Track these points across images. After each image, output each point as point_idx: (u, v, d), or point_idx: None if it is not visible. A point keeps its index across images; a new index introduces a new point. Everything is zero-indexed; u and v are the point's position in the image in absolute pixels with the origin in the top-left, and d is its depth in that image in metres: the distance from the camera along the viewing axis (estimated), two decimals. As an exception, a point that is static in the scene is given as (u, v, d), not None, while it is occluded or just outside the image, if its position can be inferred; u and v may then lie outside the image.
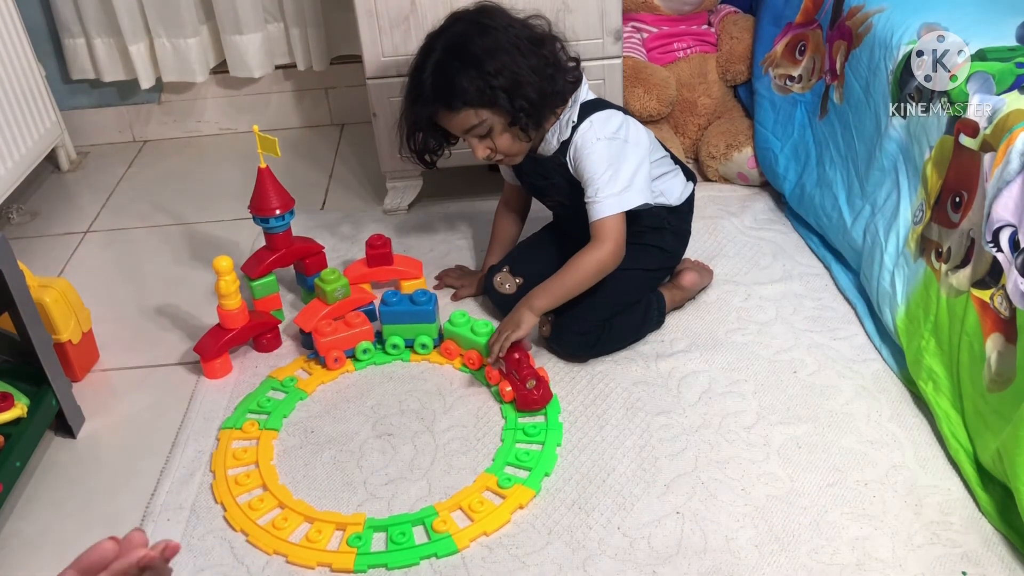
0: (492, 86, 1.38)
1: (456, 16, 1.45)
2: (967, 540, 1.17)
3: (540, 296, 1.45)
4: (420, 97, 1.42)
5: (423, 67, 1.41)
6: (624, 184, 1.42)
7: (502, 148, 1.45)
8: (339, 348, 1.53)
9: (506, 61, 1.38)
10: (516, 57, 1.39)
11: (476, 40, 1.39)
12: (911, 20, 1.49)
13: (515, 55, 1.39)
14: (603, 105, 1.49)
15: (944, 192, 1.36)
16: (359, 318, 1.55)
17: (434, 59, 1.40)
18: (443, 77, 1.39)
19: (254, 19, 2.21)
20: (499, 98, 1.38)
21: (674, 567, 1.17)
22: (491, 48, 1.39)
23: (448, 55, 1.39)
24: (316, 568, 1.21)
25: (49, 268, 1.91)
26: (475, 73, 1.37)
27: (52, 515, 1.33)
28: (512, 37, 1.41)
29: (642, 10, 2.08)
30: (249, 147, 2.20)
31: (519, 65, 1.39)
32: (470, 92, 1.38)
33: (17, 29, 2.05)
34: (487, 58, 1.38)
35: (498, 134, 1.43)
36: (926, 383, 1.34)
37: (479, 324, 1.51)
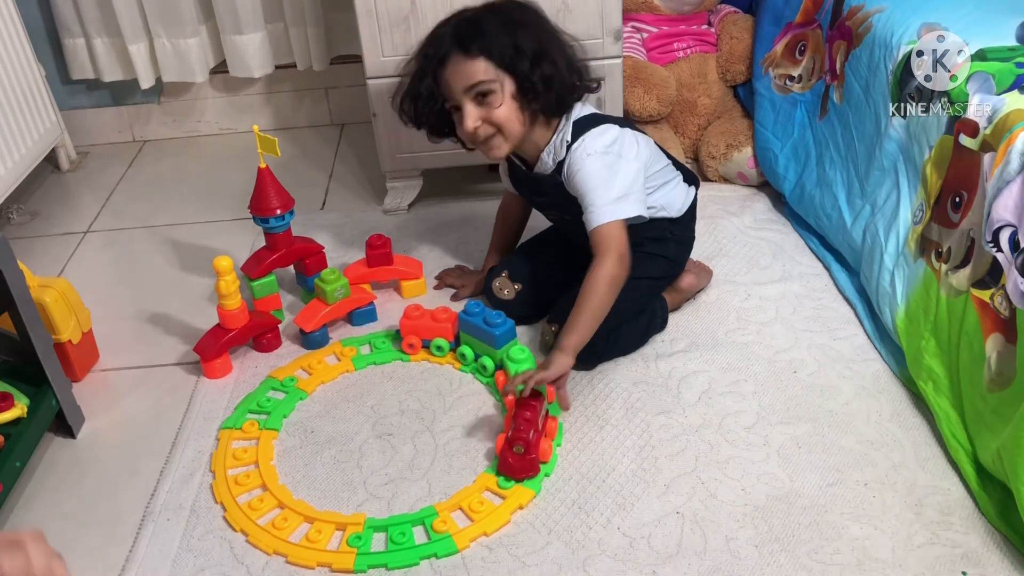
0: (518, 46, 1.36)
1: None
2: (967, 540, 1.17)
3: (570, 334, 1.37)
4: (434, 41, 1.40)
5: (447, 20, 1.41)
6: (618, 194, 1.40)
7: (498, 118, 1.39)
8: (419, 336, 1.55)
9: (537, 33, 1.39)
10: (548, 36, 1.40)
11: (513, 10, 1.40)
12: (911, 20, 1.49)
13: (547, 35, 1.40)
14: (598, 120, 1.47)
15: (944, 192, 1.36)
16: (446, 314, 1.54)
17: (464, 14, 1.40)
18: (470, 24, 1.38)
19: (254, 19, 2.21)
20: (520, 63, 1.36)
21: (674, 567, 1.17)
22: (526, 20, 1.39)
23: (482, 11, 1.40)
24: (316, 568, 1.21)
25: (49, 268, 1.90)
26: (505, 29, 1.36)
27: (52, 515, 1.33)
28: (547, 23, 1.43)
29: (642, 10, 2.08)
30: (249, 147, 2.20)
31: (549, 43, 1.39)
32: (493, 42, 1.35)
33: (17, 29, 2.05)
34: (520, 25, 1.38)
35: (499, 102, 1.38)
36: (926, 383, 1.34)
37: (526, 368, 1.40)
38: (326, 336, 1.61)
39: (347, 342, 1.60)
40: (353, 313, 1.64)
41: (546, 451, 1.31)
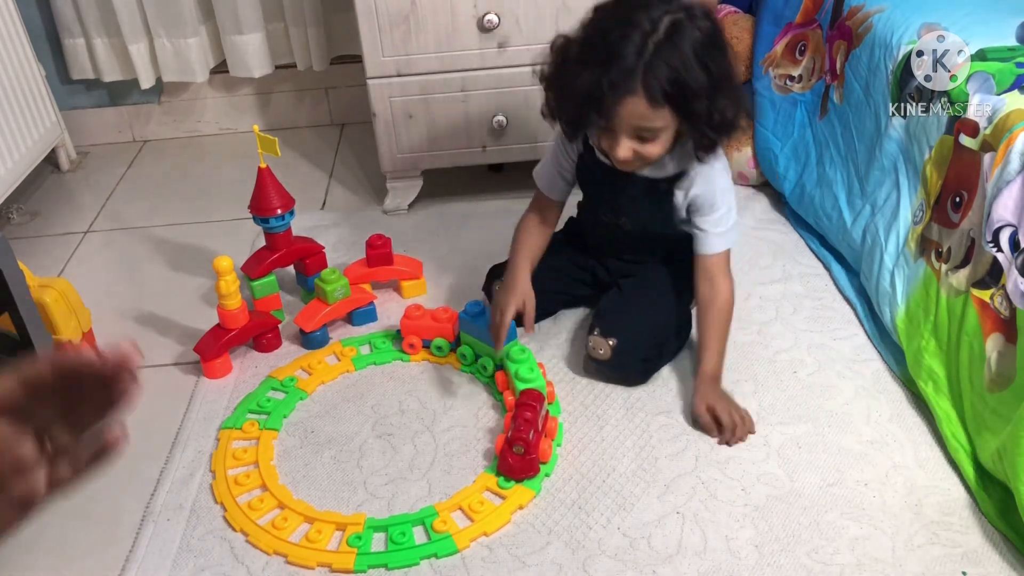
0: (705, 99, 1.23)
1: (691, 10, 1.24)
2: (967, 540, 1.17)
3: (715, 361, 1.40)
4: (619, 65, 1.19)
5: (640, 32, 1.19)
6: (734, 220, 1.41)
7: (646, 153, 1.28)
8: (419, 336, 1.54)
9: (722, 77, 1.25)
10: (729, 78, 1.28)
11: (718, 49, 1.24)
12: (911, 20, 1.49)
13: (728, 77, 1.28)
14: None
15: (944, 192, 1.36)
16: (447, 314, 1.53)
17: (667, 39, 1.20)
18: (667, 67, 1.19)
19: (254, 19, 2.21)
20: (699, 113, 1.24)
21: (674, 567, 1.17)
22: (718, 63, 1.24)
23: (682, 44, 1.20)
24: (316, 568, 1.21)
25: (49, 268, 1.91)
26: (706, 83, 1.21)
27: (52, 515, 1.32)
28: (731, 58, 1.30)
29: (642, 10, 2.08)
30: (249, 147, 2.20)
31: (729, 87, 1.27)
32: (686, 98, 1.22)
33: (17, 29, 2.05)
34: (724, 75, 1.24)
35: (658, 141, 1.27)
36: (926, 383, 1.34)
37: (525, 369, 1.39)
38: (326, 336, 1.61)
39: (347, 342, 1.60)
40: (353, 313, 1.64)
41: (546, 451, 1.31)
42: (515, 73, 1.83)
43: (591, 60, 1.22)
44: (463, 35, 1.78)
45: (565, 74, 1.28)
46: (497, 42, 1.79)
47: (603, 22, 1.25)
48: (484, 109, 1.87)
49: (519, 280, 1.45)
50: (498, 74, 1.83)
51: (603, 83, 1.20)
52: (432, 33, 1.78)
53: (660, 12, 1.21)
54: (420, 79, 1.83)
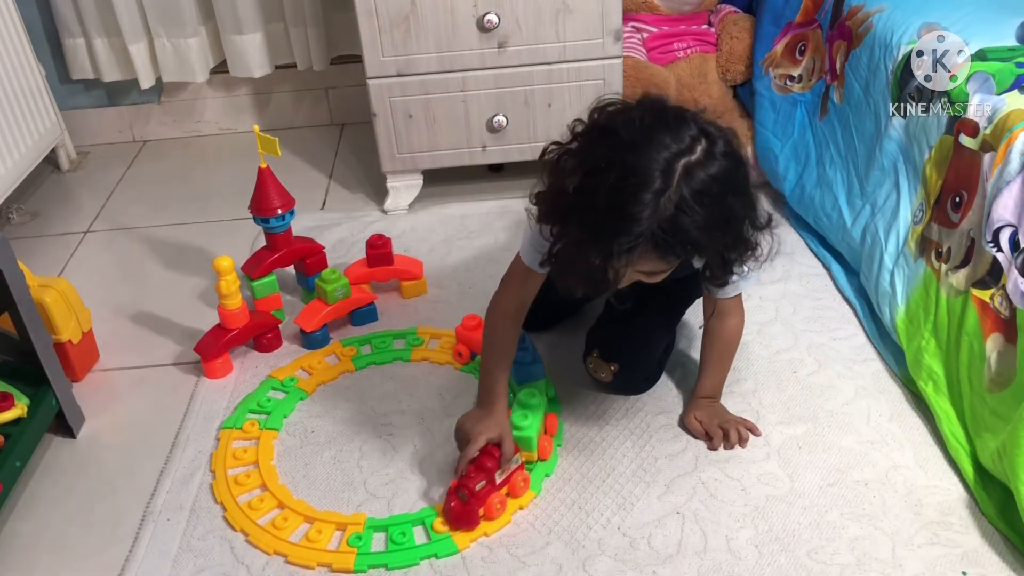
0: (727, 248, 1.11)
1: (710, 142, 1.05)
2: (967, 540, 1.17)
3: (715, 386, 1.39)
4: (628, 233, 1.02)
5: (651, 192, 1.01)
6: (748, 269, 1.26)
7: (652, 282, 1.16)
8: (469, 347, 1.52)
9: (739, 218, 1.10)
10: (746, 214, 1.12)
11: (736, 193, 1.07)
12: (911, 20, 1.49)
13: (747, 214, 1.12)
14: None
15: (944, 192, 1.36)
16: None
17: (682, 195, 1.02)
18: (683, 232, 1.03)
19: (254, 19, 2.21)
20: (715, 261, 1.14)
21: (674, 567, 1.17)
22: (746, 207, 1.10)
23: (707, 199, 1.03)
24: (316, 568, 1.21)
25: (49, 268, 1.90)
26: (719, 234, 1.07)
27: (52, 515, 1.33)
28: (749, 190, 1.12)
29: (642, 10, 2.08)
30: (249, 147, 2.20)
31: (745, 224, 1.12)
32: (696, 251, 1.10)
33: (17, 29, 2.05)
34: (741, 220, 1.10)
35: (666, 274, 1.14)
36: (926, 383, 1.34)
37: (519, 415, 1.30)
38: (326, 336, 1.61)
39: (347, 342, 1.60)
40: (353, 313, 1.64)
41: (497, 508, 1.23)
42: (515, 73, 1.83)
43: (598, 222, 1.04)
44: (463, 35, 1.78)
45: (566, 227, 1.10)
46: (497, 42, 1.79)
47: (607, 166, 1.04)
48: (484, 109, 1.87)
49: (497, 408, 1.29)
50: (498, 74, 1.83)
51: (612, 250, 1.04)
52: (432, 33, 1.78)
53: (673, 155, 1.03)
54: (420, 79, 1.83)
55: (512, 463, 1.25)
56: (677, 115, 1.06)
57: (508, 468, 1.25)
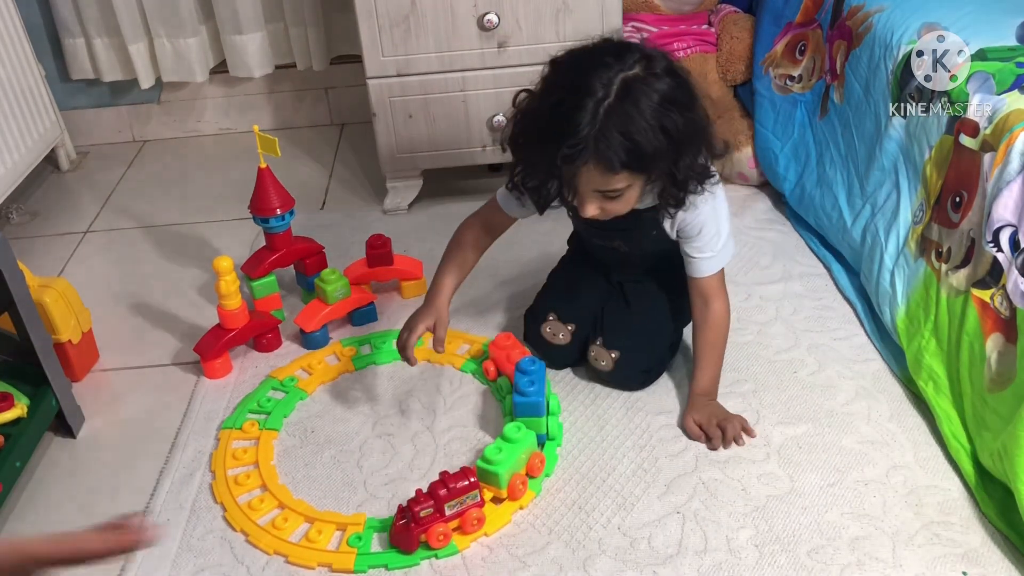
0: (667, 156, 1.17)
1: (650, 62, 1.16)
2: (967, 540, 1.17)
3: (711, 379, 1.39)
4: (571, 138, 1.13)
5: (592, 99, 1.12)
6: (724, 239, 1.34)
7: (614, 210, 1.23)
8: (497, 367, 1.47)
9: (689, 127, 1.17)
10: (696, 126, 1.19)
11: (678, 105, 1.15)
12: (911, 20, 1.49)
13: (696, 125, 1.19)
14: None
15: (944, 192, 1.36)
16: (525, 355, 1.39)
17: (619, 103, 1.12)
18: (620, 135, 1.12)
19: (254, 19, 2.21)
20: (662, 170, 1.19)
21: (674, 567, 1.17)
22: (691, 121, 1.17)
23: (638, 100, 1.12)
24: (316, 568, 1.20)
25: (49, 268, 1.90)
26: (659, 137, 1.14)
27: (52, 515, 1.33)
28: (698, 104, 1.20)
29: (642, 10, 2.08)
30: (249, 147, 2.20)
31: (696, 135, 1.20)
32: (643, 160, 1.15)
33: (17, 29, 2.05)
34: (686, 133, 1.16)
35: (624, 198, 1.21)
36: (926, 383, 1.34)
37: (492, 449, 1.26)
38: (326, 336, 1.61)
39: (347, 342, 1.60)
40: (353, 313, 1.64)
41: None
42: (515, 73, 1.82)
43: (545, 134, 1.16)
44: (463, 35, 1.78)
45: (523, 148, 1.24)
46: (497, 42, 1.79)
47: (557, 86, 1.18)
48: (484, 109, 1.87)
49: (438, 300, 1.38)
50: (498, 74, 1.83)
51: (557, 158, 1.14)
52: (432, 33, 1.78)
53: (615, 72, 1.13)
54: (420, 79, 1.83)
55: (468, 498, 1.21)
56: (622, 44, 1.19)
57: (464, 502, 1.21)
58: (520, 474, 1.26)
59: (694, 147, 1.20)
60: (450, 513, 1.20)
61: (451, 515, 1.21)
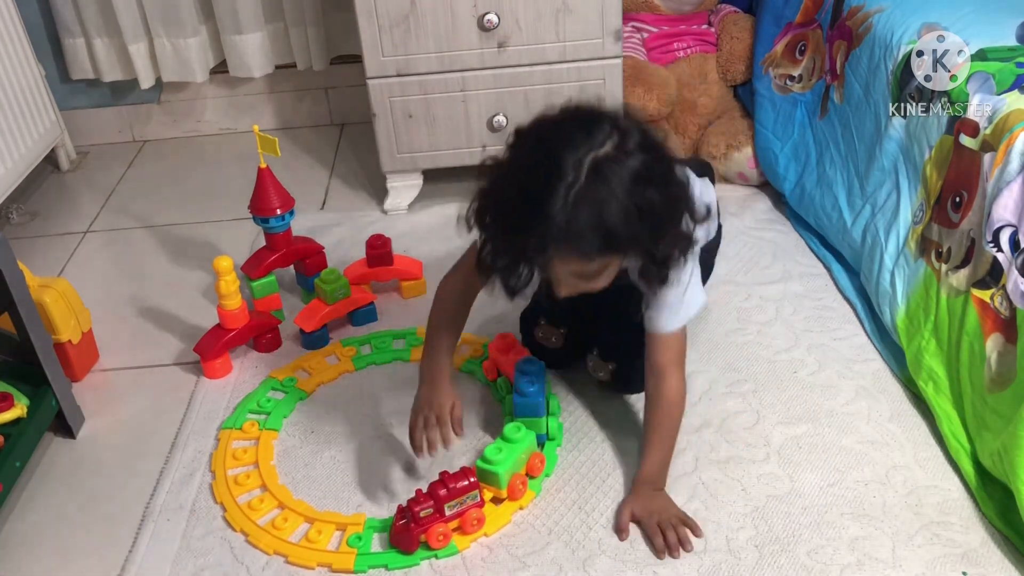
0: (656, 242, 1.09)
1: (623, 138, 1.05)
2: (967, 540, 1.17)
3: (656, 468, 1.26)
4: (541, 227, 1.02)
5: (562, 183, 1.01)
6: (685, 286, 1.21)
7: (591, 287, 1.14)
8: (498, 367, 1.46)
9: (665, 206, 1.07)
10: (674, 204, 1.09)
11: (652, 183, 1.05)
12: (911, 20, 1.49)
13: (674, 203, 1.09)
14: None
15: (944, 192, 1.36)
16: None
17: (590, 186, 1.02)
18: (593, 223, 1.02)
19: (254, 19, 2.21)
20: (643, 254, 1.11)
21: (674, 567, 1.17)
22: (667, 198, 1.06)
23: (617, 190, 1.02)
24: (316, 568, 1.20)
25: (49, 268, 1.90)
26: (634, 226, 1.04)
27: (52, 515, 1.33)
28: (675, 179, 1.10)
29: (642, 10, 2.08)
30: (249, 147, 2.20)
31: (675, 213, 1.10)
32: (617, 244, 1.06)
33: (17, 29, 2.05)
34: (661, 212, 1.06)
35: (602, 276, 1.13)
36: (926, 383, 1.34)
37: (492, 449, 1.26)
38: (326, 336, 1.61)
39: (347, 342, 1.60)
40: (353, 313, 1.64)
41: (443, 536, 1.20)
42: (515, 73, 1.83)
43: (513, 220, 1.06)
44: (463, 35, 1.78)
45: (490, 229, 1.13)
46: (497, 42, 1.79)
47: (524, 167, 1.07)
48: (484, 109, 1.87)
49: (442, 383, 1.29)
50: (498, 74, 1.83)
51: (528, 248, 1.05)
52: (432, 33, 1.78)
53: (584, 151, 1.02)
54: (420, 79, 1.83)
55: (468, 499, 1.20)
56: (592, 115, 1.07)
57: (464, 502, 1.20)
58: (520, 474, 1.26)
59: (674, 222, 1.10)
60: (450, 513, 1.20)
61: (451, 515, 1.21)
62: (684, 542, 1.18)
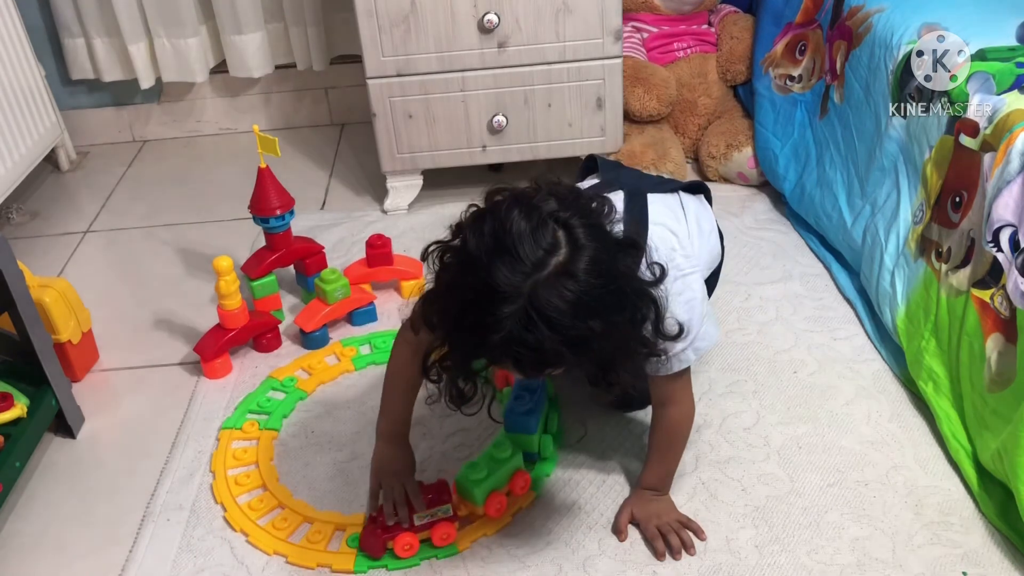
0: (599, 362, 1.02)
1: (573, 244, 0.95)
2: (967, 540, 1.17)
3: (659, 478, 1.24)
4: (487, 345, 0.96)
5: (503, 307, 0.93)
6: (693, 336, 1.13)
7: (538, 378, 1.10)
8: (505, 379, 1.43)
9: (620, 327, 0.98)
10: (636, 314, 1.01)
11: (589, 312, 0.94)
12: (911, 20, 1.49)
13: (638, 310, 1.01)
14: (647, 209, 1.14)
15: (944, 192, 1.36)
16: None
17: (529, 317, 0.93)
18: (530, 349, 0.94)
19: (254, 19, 2.21)
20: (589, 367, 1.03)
21: (674, 567, 1.17)
22: (605, 325, 0.96)
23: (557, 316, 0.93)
24: (316, 568, 1.20)
25: (49, 268, 1.90)
26: (578, 352, 0.96)
27: (52, 515, 1.33)
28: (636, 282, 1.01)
29: (642, 10, 2.08)
30: (249, 147, 2.20)
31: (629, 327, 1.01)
32: (560, 361, 0.98)
33: (17, 29, 2.05)
34: (596, 337, 0.95)
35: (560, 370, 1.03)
36: (926, 383, 1.34)
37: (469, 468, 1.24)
38: (326, 336, 1.61)
39: (347, 342, 1.60)
40: (353, 313, 1.64)
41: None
42: (515, 73, 1.83)
43: (457, 337, 1.00)
44: (463, 35, 1.78)
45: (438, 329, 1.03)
46: (497, 42, 1.79)
47: (463, 286, 0.98)
48: (484, 109, 1.87)
49: (401, 444, 1.26)
50: (498, 74, 1.83)
51: (471, 367, 1.02)
52: (432, 33, 1.78)
53: (527, 269, 0.93)
54: (420, 79, 1.83)
55: (440, 512, 1.18)
56: (541, 219, 0.95)
57: (435, 515, 1.18)
58: (500, 492, 1.23)
59: (625, 345, 1.01)
60: (419, 524, 1.19)
61: (420, 526, 1.19)
62: (687, 546, 1.18)
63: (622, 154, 1.93)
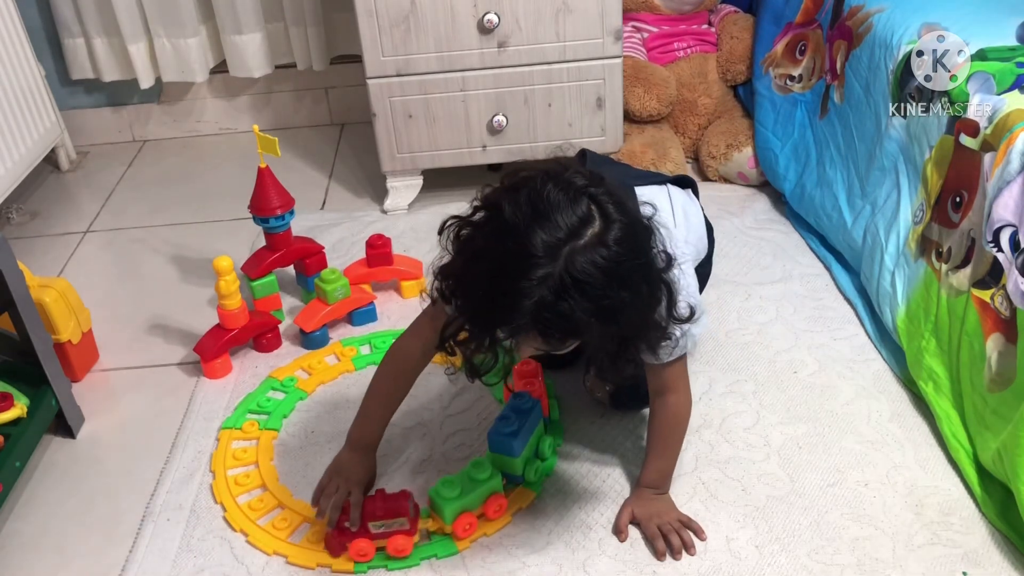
0: (619, 338, 1.04)
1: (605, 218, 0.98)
2: (967, 540, 1.17)
3: (659, 475, 1.24)
4: (513, 318, 0.97)
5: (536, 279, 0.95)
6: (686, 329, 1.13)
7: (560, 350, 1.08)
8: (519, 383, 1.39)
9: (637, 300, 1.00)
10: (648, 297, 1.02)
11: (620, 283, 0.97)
12: (911, 20, 1.49)
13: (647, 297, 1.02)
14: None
15: (944, 192, 1.36)
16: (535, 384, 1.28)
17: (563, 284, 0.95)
18: (560, 315, 0.96)
19: (254, 19, 2.21)
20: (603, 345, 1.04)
21: (674, 567, 1.17)
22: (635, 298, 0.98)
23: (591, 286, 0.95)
24: (316, 568, 1.20)
25: (49, 268, 1.90)
26: (604, 324, 0.98)
27: (52, 515, 1.33)
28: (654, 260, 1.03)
29: (642, 10, 2.08)
30: (249, 147, 2.20)
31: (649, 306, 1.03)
32: (582, 333, 1.00)
33: (17, 29, 2.05)
34: (624, 310, 0.98)
35: (567, 346, 1.06)
36: (926, 383, 1.34)
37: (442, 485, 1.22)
38: (326, 336, 1.61)
39: (347, 342, 1.60)
40: (353, 313, 1.64)
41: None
42: (515, 73, 1.83)
43: (482, 308, 1.00)
44: (463, 35, 1.78)
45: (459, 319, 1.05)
46: (497, 42, 1.79)
47: (495, 251, 0.99)
48: (484, 109, 1.87)
49: (366, 455, 1.27)
50: (498, 74, 1.83)
51: (496, 334, 1.01)
52: (432, 33, 1.78)
53: (563, 235, 0.95)
54: (420, 79, 1.83)
55: (395, 524, 1.17)
56: (575, 192, 0.98)
57: (391, 526, 1.17)
58: (472, 513, 1.21)
59: (647, 320, 1.03)
60: (375, 532, 1.18)
61: (376, 534, 1.18)
62: (688, 546, 1.18)
63: (622, 154, 1.93)
